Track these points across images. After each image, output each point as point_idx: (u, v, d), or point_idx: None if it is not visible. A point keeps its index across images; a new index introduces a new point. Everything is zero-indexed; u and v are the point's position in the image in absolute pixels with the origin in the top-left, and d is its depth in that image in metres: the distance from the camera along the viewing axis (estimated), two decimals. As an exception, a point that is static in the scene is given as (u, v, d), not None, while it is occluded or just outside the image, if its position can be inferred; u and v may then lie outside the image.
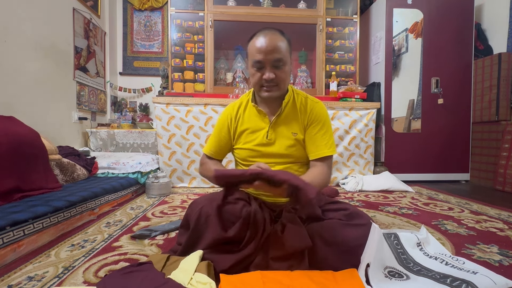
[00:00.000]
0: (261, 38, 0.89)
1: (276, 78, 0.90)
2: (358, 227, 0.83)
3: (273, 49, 0.87)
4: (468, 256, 1.00)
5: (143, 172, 2.13)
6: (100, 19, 3.11)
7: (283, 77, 0.92)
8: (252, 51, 0.91)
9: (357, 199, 1.94)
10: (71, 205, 1.29)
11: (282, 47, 0.89)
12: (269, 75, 0.89)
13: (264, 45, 0.87)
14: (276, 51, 0.88)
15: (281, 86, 0.93)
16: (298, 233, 0.80)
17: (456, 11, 2.64)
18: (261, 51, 0.88)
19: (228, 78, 2.97)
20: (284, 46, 0.90)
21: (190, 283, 0.69)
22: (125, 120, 3.05)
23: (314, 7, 2.75)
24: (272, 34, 0.89)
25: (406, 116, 2.70)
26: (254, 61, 0.90)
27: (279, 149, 0.99)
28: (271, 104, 1.01)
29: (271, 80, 0.90)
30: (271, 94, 0.93)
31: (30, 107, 2.08)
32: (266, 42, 0.87)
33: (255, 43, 0.90)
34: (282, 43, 0.89)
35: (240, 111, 1.05)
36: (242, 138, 1.04)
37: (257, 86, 0.95)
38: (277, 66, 0.90)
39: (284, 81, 0.93)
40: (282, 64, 0.90)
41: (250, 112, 1.04)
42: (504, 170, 2.25)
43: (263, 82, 0.92)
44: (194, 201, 0.93)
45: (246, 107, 1.05)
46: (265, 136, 1.00)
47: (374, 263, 0.76)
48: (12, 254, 0.97)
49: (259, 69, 0.91)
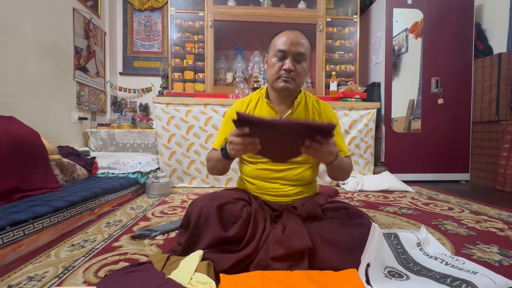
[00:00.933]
0: (287, 32, 0.94)
1: (295, 71, 0.93)
2: (359, 226, 0.83)
3: (298, 42, 0.92)
4: (468, 256, 1.00)
5: (143, 172, 2.13)
6: (100, 19, 3.11)
7: (301, 72, 0.94)
8: (276, 43, 0.94)
9: (357, 199, 1.94)
10: (71, 205, 1.29)
11: (305, 44, 0.94)
12: (290, 65, 0.91)
13: (290, 37, 0.92)
14: (301, 45, 0.92)
15: (297, 81, 0.95)
16: (299, 234, 0.80)
17: (456, 11, 2.64)
18: (286, 42, 0.92)
19: (228, 78, 2.97)
20: (307, 45, 0.95)
21: (190, 283, 0.69)
22: (125, 120, 3.05)
23: (314, 7, 2.75)
24: (298, 32, 0.95)
25: (406, 116, 2.70)
26: (278, 49, 0.92)
27: None
28: (284, 102, 1.02)
29: (290, 72, 0.92)
30: (287, 85, 0.94)
31: (30, 107, 2.08)
32: (293, 35, 0.92)
33: (280, 36, 0.94)
34: (305, 41, 0.95)
35: (250, 108, 1.05)
36: None
37: (274, 76, 0.95)
38: (299, 60, 0.93)
39: (301, 77, 0.95)
40: (303, 60, 0.94)
41: (261, 110, 1.04)
42: (504, 170, 2.25)
43: (281, 72, 0.93)
44: (194, 200, 0.93)
45: (257, 104, 1.05)
46: None
47: (374, 263, 0.76)
48: (12, 254, 0.97)
49: (281, 59, 0.93)
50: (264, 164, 1.01)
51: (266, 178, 1.02)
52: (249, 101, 1.07)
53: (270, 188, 1.02)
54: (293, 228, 0.82)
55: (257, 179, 1.04)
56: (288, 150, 0.77)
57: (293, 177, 1.01)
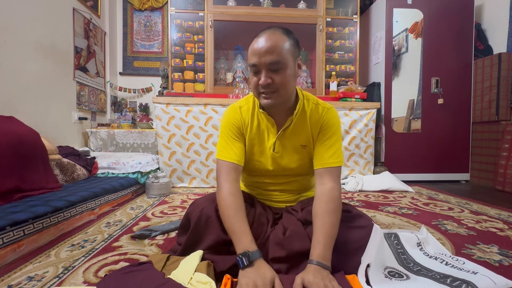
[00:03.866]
0: (258, 39, 0.80)
1: (274, 83, 0.79)
2: (360, 229, 0.82)
3: (268, 50, 0.77)
4: (468, 256, 1.00)
5: (143, 172, 2.13)
6: (100, 19, 3.11)
7: (282, 82, 0.79)
8: (249, 53, 0.82)
9: (357, 199, 1.94)
10: (71, 205, 1.29)
11: (281, 47, 0.77)
12: (265, 79, 0.78)
13: (259, 46, 0.78)
14: (273, 52, 0.77)
15: (282, 92, 0.81)
16: (299, 236, 0.80)
17: (456, 11, 2.64)
18: (255, 53, 0.78)
19: (228, 78, 2.97)
20: (285, 46, 0.78)
21: (190, 283, 0.69)
22: (125, 120, 3.05)
23: (314, 7, 2.75)
24: (271, 34, 0.78)
25: (406, 116, 2.70)
26: (250, 64, 0.81)
27: (287, 163, 0.94)
28: (279, 112, 0.90)
29: (267, 86, 0.79)
30: (270, 102, 0.82)
31: (30, 107, 2.08)
32: (262, 43, 0.78)
33: (252, 44, 0.81)
34: (281, 43, 0.78)
35: (246, 117, 0.94)
36: (248, 148, 0.95)
37: (255, 92, 0.85)
38: (275, 69, 0.78)
39: (285, 87, 0.81)
40: (281, 68, 0.78)
41: (258, 120, 0.94)
42: (504, 170, 2.25)
43: (260, 88, 0.81)
44: (195, 201, 0.92)
45: (253, 114, 0.94)
46: (272, 148, 0.93)
47: (374, 263, 0.76)
48: (12, 254, 0.97)
49: (256, 73, 0.81)
50: (263, 177, 1.00)
51: (265, 189, 1.03)
52: (246, 109, 0.95)
53: (270, 195, 1.03)
54: (294, 231, 0.81)
55: (257, 189, 1.05)
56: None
57: (293, 187, 1.02)
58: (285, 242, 0.79)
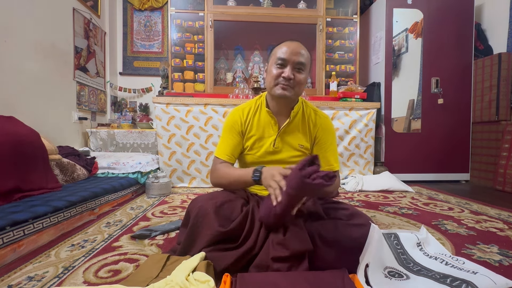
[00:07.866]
0: (288, 42, 0.97)
1: (294, 79, 0.95)
2: (358, 227, 0.83)
3: (298, 52, 0.94)
4: (468, 256, 1.00)
5: (143, 172, 2.13)
6: (100, 19, 3.11)
7: (300, 81, 0.96)
8: (277, 52, 0.96)
9: (357, 199, 1.94)
10: (71, 205, 1.29)
11: (306, 56, 0.97)
12: (289, 73, 0.93)
13: (291, 47, 0.95)
14: (301, 55, 0.94)
15: (296, 90, 0.96)
16: (300, 236, 0.80)
17: (456, 11, 2.64)
18: (287, 51, 0.94)
19: (228, 78, 2.97)
20: (307, 55, 0.97)
21: (187, 279, 0.69)
22: (125, 120, 3.05)
23: (314, 7, 2.75)
24: (299, 43, 0.98)
25: (406, 116, 2.70)
26: (279, 58, 0.94)
27: (285, 157, 1.03)
28: (282, 111, 1.04)
29: (289, 80, 0.94)
30: (285, 92, 0.95)
31: (30, 107, 2.08)
32: (293, 46, 0.95)
33: (281, 46, 0.97)
34: (305, 52, 0.97)
35: (250, 116, 1.06)
36: (249, 143, 1.05)
37: (272, 82, 0.97)
38: (298, 68, 0.95)
39: (300, 86, 0.97)
40: (303, 70, 0.96)
41: (260, 118, 1.06)
42: (504, 170, 2.25)
43: (280, 79, 0.95)
44: (195, 199, 0.95)
45: (256, 112, 1.07)
46: (272, 144, 1.03)
47: (373, 263, 0.76)
48: (12, 254, 0.97)
49: (281, 67, 0.95)
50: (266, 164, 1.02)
51: None
52: (249, 109, 1.08)
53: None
54: (294, 230, 0.82)
55: None
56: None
57: None
58: (286, 241, 0.80)
